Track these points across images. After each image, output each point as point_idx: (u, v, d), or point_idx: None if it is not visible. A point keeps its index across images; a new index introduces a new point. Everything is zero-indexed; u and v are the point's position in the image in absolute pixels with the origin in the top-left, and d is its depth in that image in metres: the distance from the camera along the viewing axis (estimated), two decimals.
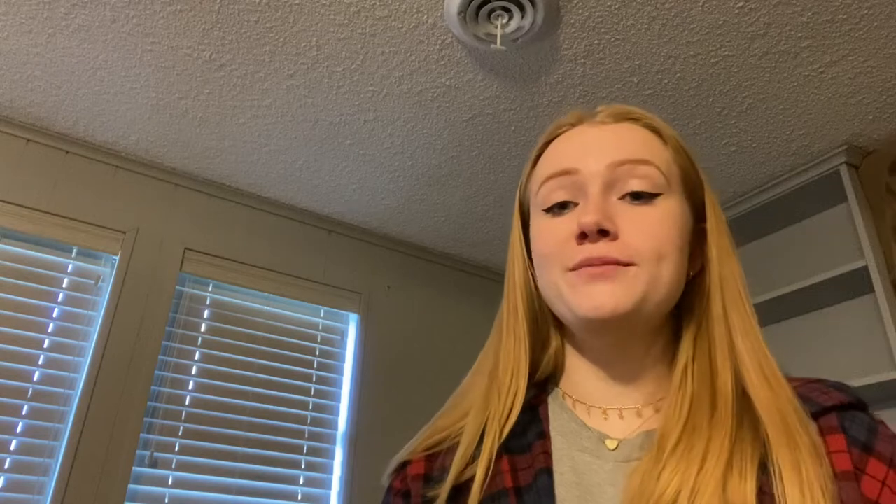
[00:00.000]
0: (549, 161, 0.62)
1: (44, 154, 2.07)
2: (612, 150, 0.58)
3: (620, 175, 0.57)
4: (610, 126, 0.61)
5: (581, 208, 0.57)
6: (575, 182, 0.58)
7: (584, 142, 0.60)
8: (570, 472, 0.55)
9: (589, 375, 0.60)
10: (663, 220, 0.56)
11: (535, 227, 0.61)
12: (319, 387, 2.31)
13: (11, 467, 1.78)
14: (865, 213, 1.97)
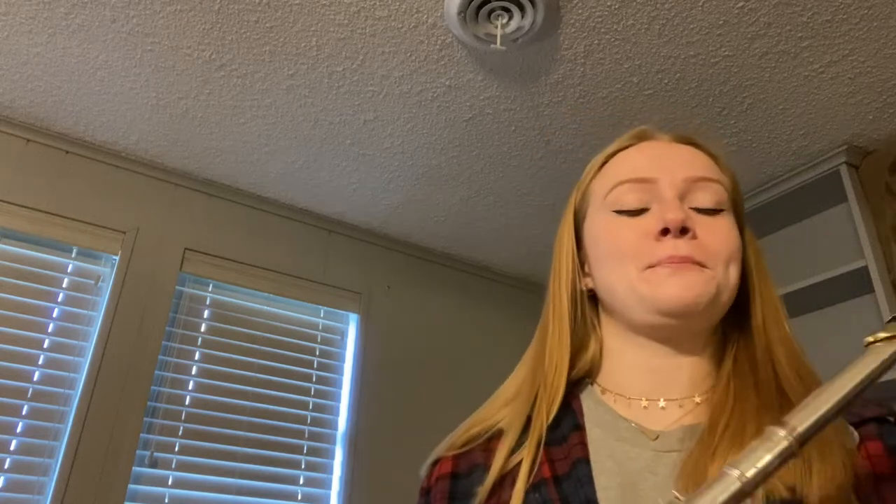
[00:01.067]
0: (623, 167, 0.66)
1: (44, 154, 2.07)
2: (687, 166, 0.64)
3: (692, 189, 0.62)
4: (679, 146, 0.67)
5: (658, 210, 0.61)
6: (651, 189, 0.63)
7: (660, 155, 0.65)
8: (610, 461, 0.58)
9: (635, 368, 0.63)
10: (730, 230, 0.62)
11: (602, 225, 0.65)
12: (319, 387, 2.31)
13: (11, 467, 1.78)
14: (865, 213, 1.97)
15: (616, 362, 0.65)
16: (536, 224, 2.49)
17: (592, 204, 0.68)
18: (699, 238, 0.59)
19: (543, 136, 2.02)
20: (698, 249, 0.59)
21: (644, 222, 0.62)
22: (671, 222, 0.59)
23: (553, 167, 2.16)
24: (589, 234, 0.67)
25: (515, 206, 2.39)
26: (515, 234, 2.57)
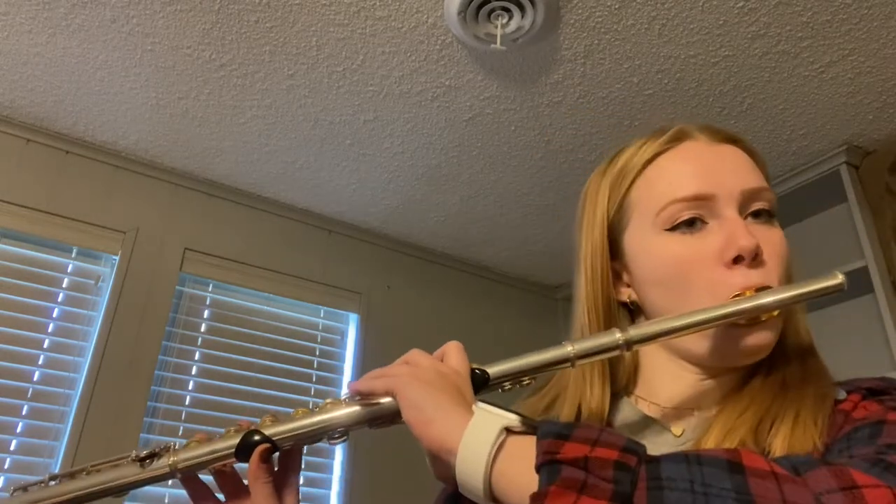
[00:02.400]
0: (671, 182, 0.63)
1: (44, 154, 2.07)
2: (740, 175, 0.62)
3: (749, 199, 0.62)
4: (721, 147, 0.65)
5: (721, 229, 0.60)
6: (707, 205, 0.61)
7: (709, 165, 0.63)
8: None
9: (672, 384, 0.64)
10: (784, 241, 0.62)
11: (656, 247, 0.62)
12: (319, 387, 2.31)
13: (11, 467, 1.78)
14: (865, 213, 1.97)
15: (650, 376, 0.66)
16: (536, 224, 2.49)
17: (637, 218, 0.65)
18: (766, 260, 0.59)
19: (543, 136, 2.02)
20: (769, 274, 0.58)
21: (707, 244, 0.59)
22: (745, 250, 0.57)
23: (553, 167, 2.16)
24: (638, 253, 0.64)
25: (515, 206, 2.39)
26: (515, 234, 2.57)
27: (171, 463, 0.57)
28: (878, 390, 0.56)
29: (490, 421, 0.47)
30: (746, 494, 0.36)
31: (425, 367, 0.54)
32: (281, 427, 0.58)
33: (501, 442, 0.46)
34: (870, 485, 0.39)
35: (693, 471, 0.38)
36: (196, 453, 0.58)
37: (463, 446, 0.47)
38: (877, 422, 0.50)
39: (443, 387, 0.52)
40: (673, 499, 0.37)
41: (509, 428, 0.47)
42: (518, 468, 0.44)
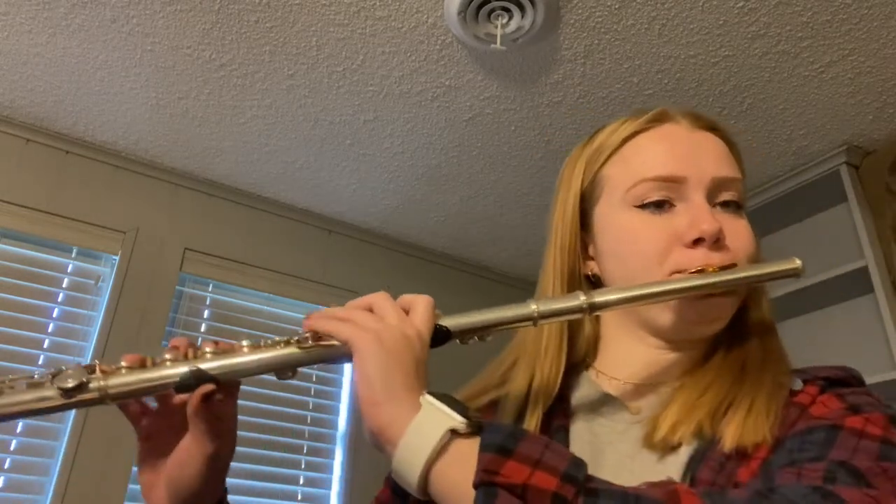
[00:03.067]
0: (646, 160, 0.64)
1: (44, 154, 2.07)
2: (714, 162, 0.63)
3: (718, 187, 0.62)
4: (701, 133, 0.66)
5: (687, 211, 0.61)
6: (676, 187, 0.62)
7: (684, 148, 0.64)
8: (586, 431, 0.61)
9: (632, 356, 0.65)
10: (749, 232, 0.62)
11: (624, 222, 0.63)
12: (319, 387, 2.31)
13: (11, 467, 1.78)
14: (865, 213, 1.97)
15: (612, 349, 0.67)
16: (536, 224, 2.49)
17: (608, 193, 0.66)
18: (727, 245, 0.60)
19: (543, 136, 2.02)
20: (730, 257, 0.59)
21: (672, 223, 0.61)
22: (706, 233, 0.58)
23: (553, 167, 2.15)
24: (605, 226, 0.66)
25: (515, 206, 2.39)
26: (515, 234, 2.57)
27: (99, 388, 0.52)
28: (836, 380, 0.57)
29: (436, 420, 0.47)
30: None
31: (391, 328, 0.52)
32: (225, 361, 0.54)
33: (444, 444, 0.46)
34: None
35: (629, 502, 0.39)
36: (131, 380, 0.53)
37: (404, 442, 0.47)
38: (832, 426, 0.50)
39: (401, 359, 0.51)
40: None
41: (454, 429, 0.46)
42: (457, 476, 0.44)
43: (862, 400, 0.53)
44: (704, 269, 0.58)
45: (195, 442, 0.55)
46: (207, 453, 0.55)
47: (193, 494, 0.57)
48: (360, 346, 0.51)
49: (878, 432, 0.49)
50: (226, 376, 0.54)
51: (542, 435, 0.48)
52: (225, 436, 0.57)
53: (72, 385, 0.51)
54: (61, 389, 0.51)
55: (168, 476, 0.57)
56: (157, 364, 0.55)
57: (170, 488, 0.57)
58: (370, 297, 0.56)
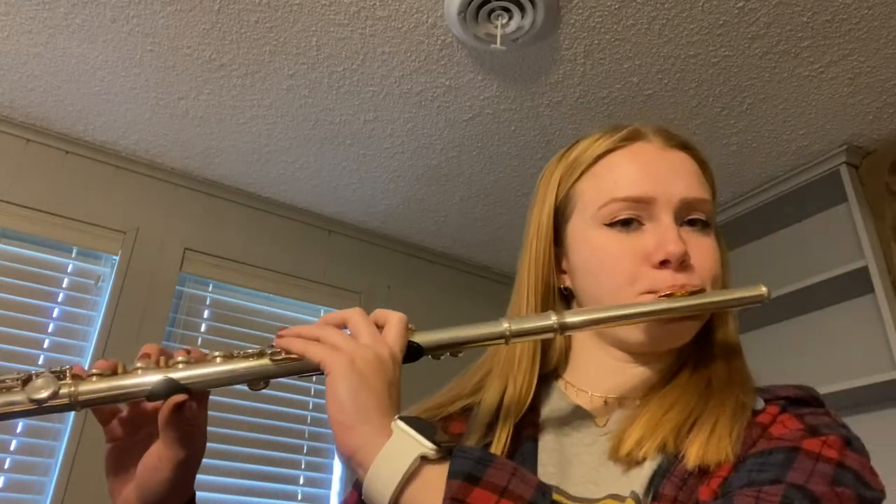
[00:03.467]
0: (617, 181, 0.66)
1: (44, 154, 2.07)
2: (683, 184, 0.64)
3: (686, 207, 0.64)
4: (672, 153, 0.67)
5: (655, 232, 0.62)
6: (646, 207, 0.63)
7: (655, 168, 0.65)
8: (554, 441, 0.62)
9: (600, 369, 0.66)
10: (716, 249, 0.64)
11: (594, 240, 0.65)
12: (319, 387, 2.31)
13: (11, 467, 1.78)
14: (865, 213, 1.97)
15: (582, 361, 0.69)
16: None
17: (580, 209, 0.68)
18: (693, 263, 0.61)
19: (543, 136, 2.02)
20: (694, 278, 0.61)
21: (640, 243, 0.62)
22: (672, 255, 0.60)
23: None
24: (576, 240, 0.67)
25: (515, 206, 2.39)
26: (515, 234, 2.56)
27: (70, 395, 0.52)
28: (796, 399, 0.58)
29: (406, 446, 0.48)
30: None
31: (363, 348, 0.53)
32: (198, 371, 0.55)
33: (414, 471, 0.47)
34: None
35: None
36: (102, 387, 0.54)
37: (374, 467, 0.47)
38: (791, 448, 0.52)
39: (373, 382, 0.51)
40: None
41: (424, 456, 0.47)
42: (426, 497, 0.45)
43: (820, 421, 0.55)
44: (673, 294, 0.60)
45: (166, 448, 0.56)
46: (179, 459, 0.56)
47: (162, 498, 0.58)
48: (332, 369, 0.52)
49: (834, 455, 0.51)
50: (197, 386, 0.55)
51: (509, 461, 0.49)
52: (195, 441, 0.58)
53: (43, 396, 0.52)
54: (32, 400, 0.52)
55: (138, 481, 0.59)
56: (128, 372, 0.55)
57: (140, 492, 0.59)
58: (344, 313, 0.57)
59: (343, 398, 0.50)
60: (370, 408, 0.50)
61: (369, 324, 0.56)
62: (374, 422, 0.49)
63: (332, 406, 0.50)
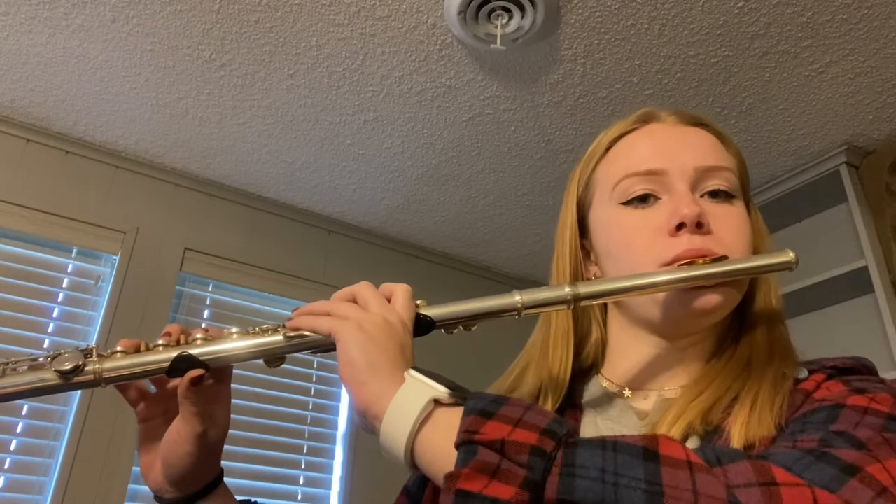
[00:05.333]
0: (630, 157, 0.65)
1: (44, 154, 2.07)
2: (697, 153, 0.63)
3: (703, 177, 0.62)
4: (685, 129, 0.66)
5: (670, 202, 0.60)
6: (661, 180, 0.62)
7: (667, 143, 0.64)
8: (594, 432, 0.61)
9: (636, 358, 0.64)
10: (744, 218, 0.62)
11: (611, 219, 0.64)
12: (319, 387, 2.31)
13: (11, 467, 1.78)
14: (865, 213, 1.97)
15: (617, 352, 0.67)
16: (536, 224, 2.49)
17: (598, 194, 0.67)
18: (714, 232, 0.59)
19: (543, 136, 2.02)
20: (715, 241, 0.58)
21: (656, 215, 0.61)
22: (686, 217, 0.58)
23: (553, 167, 2.16)
24: (597, 225, 0.67)
25: (515, 206, 2.39)
26: (515, 234, 2.57)
27: (95, 372, 0.55)
28: (845, 369, 0.56)
29: (419, 391, 0.47)
30: (657, 484, 0.36)
31: (373, 315, 0.53)
32: (215, 347, 0.57)
33: (428, 413, 0.46)
34: (789, 483, 0.38)
35: (607, 458, 0.38)
36: (124, 364, 0.56)
37: (388, 414, 0.47)
38: (835, 405, 0.49)
39: (384, 344, 0.51)
40: (583, 487, 0.37)
41: (438, 399, 0.47)
42: (440, 442, 0.44)
43: (869, 384, 0.51)
44: (694, 262, 0.57)
45: (184, 422, 0.59)
46: (196, 433, 0.59)
47: (186, 473, 0.60)
48: (341, 336, 0.52)
49: (884, 409, 0.47)
50: (214, 361, 0.57)
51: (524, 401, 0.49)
52: (216, 418, 0.61)
53: (69, 367, 0.54)
54: (58, 372, 0.54)
55: (162, 456, 0.61)
56: (150, 349, 0.58)
57: (164, 467, 0.60)
58: (353, 287, 0.58)
59: (354, 358, 0.50)
60: (382, 364, 0.50)
61: (377, 295, 0.57)
62: (387, 376, 0.49)
63: (345, 369, 0.51)
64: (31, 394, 0.56)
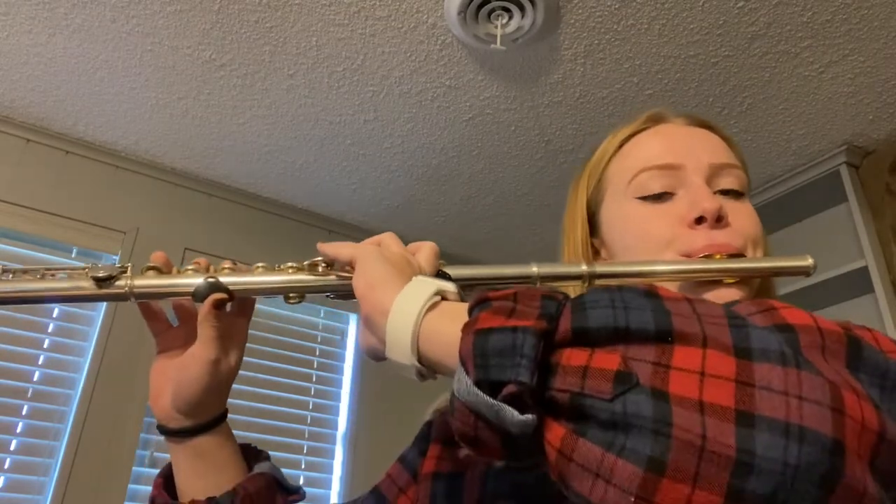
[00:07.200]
0: (644, 153, 0.66)
1: (44, 154, 2.07)
2: (710, 151, 0.64)
3: (717, 174, 0.63)
4: (695, 129, 0.67)
5: (687, 196, 0.61)
6: (676, 175, 0.63)
7: (681, 140, 0.65)
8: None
9: None
10: (754, 215, 0.63)
11: (629, 213, 0.65)
12: (319, 387, 2.31)
13: (11, 467, 1.78)
14: (865, 213, 1.97)
15: None
16: (536, 224, 2.49)
17: (612, 190, 0.67)
18: (731, 224, 0.60)
19: (543, 136, 2.02)
20: (734, 236, 0.59)
21: (674, 208, 0.61)
22: (707, 211, 0.58)
23: (553, 167, 2.16)
24: (610, 221, 0.67)
25: (515, 206, 2.39)
26: (515, 234, 2.57)
27: (127, 286, 0.58)
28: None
29: (426, 284, 0.48)
30: (662, 307, 0.38)
31: (393, 252, 0.55)
32: (240, 278, 0.60)
33: (434, 303, 0.46)
34: (785, 307, 0.41)
35: (613, 293, 0.39)
36: (154, 283, 0.59)
37: (396, 304, 0.47)
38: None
39: (402, 269, 0.52)
40: (595, 315, 0.38)
41: (444, 294, 0.47)
42: (447, 321, 0.44)
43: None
44: (712, 256, 0.58)
45: (200, 346, 0.61)
46: (210, 359, 0.61)
47: (193, 399, 0.62)
48: (361, 258, 0.53)
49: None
50: (239, 291, 0.60)
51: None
52: (230, 350, 0.63)
53: (103, 275, 0.57)
54: (94, 279, 0.57)
55: (173, 378, 0.63)
56: (180, 272, 0.61)
57: (174, 390, 0.63)
58: (377, 236, 0.59)
59: (369, 270, 0.51)
60: (395, 276, 0.50)
61: (401, 244, 0.58)
62: (399, 283, 0.49)
63: (359, 279, 0.52)
64: (67, 299, 0.59)
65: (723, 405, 0.32)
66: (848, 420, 0.32)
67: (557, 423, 0.36)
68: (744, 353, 0.34)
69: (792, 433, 0.31)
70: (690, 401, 0.33)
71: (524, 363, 0.36)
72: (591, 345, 0.37)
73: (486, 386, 0.37)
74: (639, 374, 0.34)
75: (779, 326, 0.39)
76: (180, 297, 0.62)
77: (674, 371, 0.34)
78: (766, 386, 0.33)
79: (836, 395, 0.33)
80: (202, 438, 0.65)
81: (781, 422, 0.32)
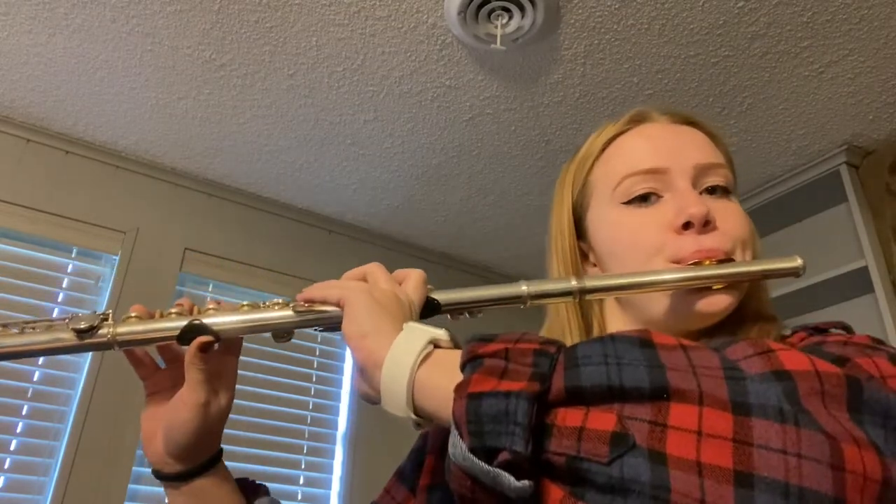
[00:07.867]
0: (628, 157, 0.65)
1: (44, 154, 2.07)
2: (695, 151, 0.63)
3: (702, 174, 0.62)
4: (679, 127, 0.67)
5: (673, 199, 0.61)
6: (661, 178, 0.62)
7: (665, 141, 0.65)
8: None
9: None
10: (743, 213, 0.62)
11: (616, 219, 0.64)
12: (319, 387, 2.31)
13: (11, 467, 1.78)
14: (865, 213, 1.97)
15: None
16: (536, 224, 2.49)
17: (597, 196, 0.67)
18: (718, 227, 0.59)
19: (543, 136, 2.02)
20: (722, 239, 0.59)
21: (660, 213, 0.61)
22: (694, 216, 0.58)
23: (553, 167, 2.16)
24: (597, 226, 0.66)
25: (515, 206, 2.39)
26: (515, 234, 2.57)
27: (110, 334, 0.57)
28: (825, 330, 0.56)
29: (419, 333, 0.48)
30: (656, 361, 0.37)
31: (381, 288, 0.55)
32: (225, 318, 0.59)
33: (427, 353, 0.46)
34: (783, 349, 0.40)
35: (607, 347, 0.39)
36: (137, 329, 0.58)
37: (389, 358, 0.47)
38: (818, 342, 0.50)
39: (392, 311, 0.52)
40: (588, 372, 0.38)
41: (437, 342, 0.47)
42: (441, 374, 0.44)
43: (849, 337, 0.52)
44: (701, 262, 0.57)
45: (189, 389, 0.60)
46: (198, 402, 0.60)
47: (185, 443, 0.61)
48: (350, 300, 0.53)
49: (863, 341, 0.48)
50: (224, 331, 0.59)
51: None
52: (219, 391, 0.62)
53: (84, 327, 0.56)
54: (75, 331, 0.56)
55: (164, 422, 0.61)
56: (163, 316, 0.59)
57: (165, 434, 0.61)
58: (364, 267, 0.59)
59: (359, 315, 0.51)
60: (386, 322, 0.50)
61: (388, 275, 0.57)
62: (390, 332, 0.49)
63: (349, 325, 0.51)
64: (48, 352, 0.58)
65: (721, 466, 0.32)
66: (849, 476, 0.32)
67: (555, 485, 0.36)
68: (741, 409, 0.34)
69: (792, 494, 0.31)
70: (688, 462, 0.33)
71: (518, 431, 0.36)
72: (586, 403, 0.37)
73: (481, 453, 0.37)
74: (635, 433, 0.34)
75: (776, 374, 0.38)
76: (165, 342, 0.60)
77: (671, 430, 0.34)
78: (765, 444, 0.32)
79: (836, 450, 0.32)
80: (198, 481, 0.63)
81: (781, 482, 0.31)
